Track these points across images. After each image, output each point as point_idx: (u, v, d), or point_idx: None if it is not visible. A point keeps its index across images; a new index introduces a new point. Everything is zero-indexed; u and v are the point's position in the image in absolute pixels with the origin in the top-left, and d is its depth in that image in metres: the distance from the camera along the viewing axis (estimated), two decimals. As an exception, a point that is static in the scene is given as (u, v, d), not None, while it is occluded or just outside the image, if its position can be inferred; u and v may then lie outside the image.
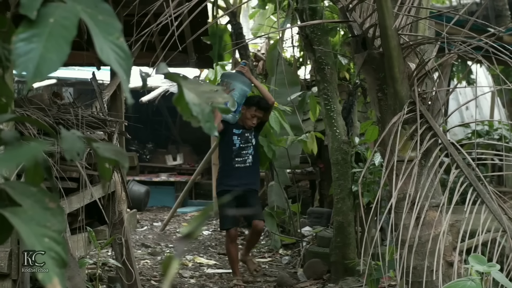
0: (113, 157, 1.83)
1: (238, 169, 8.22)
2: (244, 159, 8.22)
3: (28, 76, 1.41)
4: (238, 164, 8.22)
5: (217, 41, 11.92)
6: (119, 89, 7.00)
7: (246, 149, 8.20)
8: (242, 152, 8.20)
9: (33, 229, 1.42)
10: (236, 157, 8.20)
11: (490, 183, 10.30)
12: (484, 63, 4.89)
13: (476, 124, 10.74)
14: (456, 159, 4.97)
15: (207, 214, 1.37)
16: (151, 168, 16.98)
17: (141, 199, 14.50)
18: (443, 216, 4.91)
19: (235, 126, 8.17)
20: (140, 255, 9.86)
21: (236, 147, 8.18)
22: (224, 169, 8.39)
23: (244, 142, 8.19)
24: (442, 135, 5.01)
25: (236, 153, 8.19)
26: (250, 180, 8.29)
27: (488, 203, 4.92)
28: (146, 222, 13.40)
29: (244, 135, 8.21)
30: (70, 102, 5.95)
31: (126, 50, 1.54)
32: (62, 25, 1.46)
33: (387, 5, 4.51)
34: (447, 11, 5.14)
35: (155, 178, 16.39)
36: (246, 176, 8.23)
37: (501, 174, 6.66)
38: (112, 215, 6.23)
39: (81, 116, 5.51)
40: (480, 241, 4.92)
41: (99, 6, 1.57)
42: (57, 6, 1.49)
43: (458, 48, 4.87)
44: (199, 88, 1.67)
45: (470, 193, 4.99)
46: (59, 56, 1.43)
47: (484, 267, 3.92)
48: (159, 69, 1.72)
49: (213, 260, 9.70)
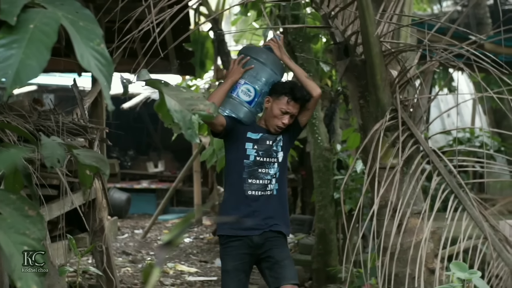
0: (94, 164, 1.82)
1: (251, 199, 4.84)
2: (262, 183, 4.84)
3: (7, 83, 1.39)
4: (251, 191, 4.83)
5: (199, 48, 11.91)
6: (100, 96, 6.96)
7: (267, 166, 4.86)
8: (260, 170, 4.85)
9: (12, 237, 1.40)
10: (250, 177, 4.83)
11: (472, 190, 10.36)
12: (466, 70, 4.91)
13: (458, 131, 10.79)
14: (438, 166, 4.99)
15: (188, 221, 1.35)
16: (132, 175, 16.91)
17: (122, 206, 14.46)
18: (424, 223, 4.92)
19: (250, 127, 4.95)
20: (121, 262, 9.81)
21: (250, 161, 4.85)
22: (230, 198, 4.99)
23: (263, 154, 4.86)
24: (423, 142, 5.02)
25: (249, 171, 4.84)
26: (272, 215, 4.86)
27: (469, 210, 4.94)
28: (127, 230, 13.34)
29: (265, 142, 4.89)
30: (50, 108, 5.91)
31: (107, 57, 1.53)
32: (43, 31, 1.44)
33: (369, 12, 4.52)
34: (428, 19, 5.15)
35: (136, 185, 16.32)
36: (265, 210, 4.84)
37: (482, 181, 6.68)
38: (92, 223, 6.19)
39: (61, 123, 5.47)
40: (462, 248, 4.93)
41: (80, 12, 1.56)
42: (38, 12, 1.47)
43: (440, 56, 4.89)
44: (181, 95, 1.67)
45: (452, 200, 5.00)
46: (39, 62, 1.41)
47: (465, 274, 3.93)
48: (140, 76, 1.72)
49: (195, 268, 9.67)
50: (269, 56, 4.95)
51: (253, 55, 4.94)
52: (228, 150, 5.02)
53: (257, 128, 4.96)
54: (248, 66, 4.88)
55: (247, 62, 4.90)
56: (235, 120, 4.88)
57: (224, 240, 4.88)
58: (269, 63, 4.92)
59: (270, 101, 4.92)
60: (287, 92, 4.86)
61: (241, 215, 4.76)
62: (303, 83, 4.92)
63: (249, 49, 5.26)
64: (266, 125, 4.96)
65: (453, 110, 5.75)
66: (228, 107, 4.88)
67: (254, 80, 4.89)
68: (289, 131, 4.97)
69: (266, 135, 4.93)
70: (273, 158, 4.90)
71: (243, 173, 4.85)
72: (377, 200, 4.87)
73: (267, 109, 4.95)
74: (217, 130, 4.85)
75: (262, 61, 4.91)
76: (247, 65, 4.89)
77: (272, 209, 4.86)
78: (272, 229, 4.83)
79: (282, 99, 4.85)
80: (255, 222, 4.78)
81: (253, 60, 4.90)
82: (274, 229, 4.84)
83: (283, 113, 4.85)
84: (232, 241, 4.82)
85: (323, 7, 4.90)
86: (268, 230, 4.81)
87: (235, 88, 4.86)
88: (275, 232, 4.84)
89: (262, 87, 4.91)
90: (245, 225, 4.78)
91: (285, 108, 4.84)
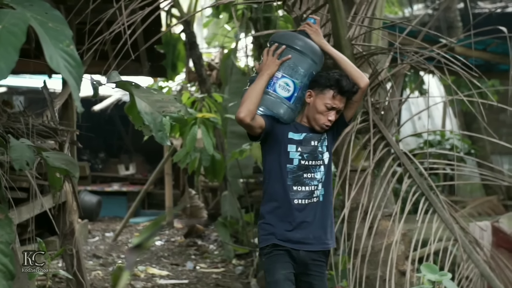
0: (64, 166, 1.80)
1: (298, 209, 4.24)
2: (308, 190, 4.25)
3: (-26, 84, 1.37)
4: (297, 199, 4.24)
5: (171, 50, 11.88)
6: (71, 98, 6.91)
7: (312, 170, 4.28)
8: (305, 175, 4.26)
9: (-21, 241, 1.38)
10: (295, 184, 4.24)
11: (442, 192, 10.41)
12: (436, 73, 4.95)
13: (428, 134, 10.80)
14: (409, 168, 5.02)
15: (159, 224, 1.34)
16: (103, 178, 16.82)
17: (92, 209, 14.37)
18: (395, 225, 4.94)
19: (291, 127, 4.33)
20: (92, 266, 9.74)
21: (294, 166, 4.26)
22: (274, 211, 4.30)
23: (308, 157, 4.27)
24: (395, 145, 5.05)
25: (293, 177, 4.25)
26: (320, 227, 4.29)
27: (440, 212, 4.97)
28: (98, 233, 13.25)
29: (310, 143, 4.30)
30: (20, 110, 5.85)
31: (76, 58, 1.51)
32: (11, 32, 1.42)
33: (341, 15, 4.54)
34: (400, 22, 5.18)
35: (107, 188, 16.22)
36: (313, 220, 4.25)
37: (453, 183, 6.71)
38: (63, 226, 6.14)
39: (31, 125, 5.41)
40: (432, 250, 4.97)
41: (49, 13, 1.54)
42: (6, 13, 1.45)
43: (411, 59, 4.92)
44: (152, 97, 1.65)
45: (422, 202, 5.04)
46: (7, 63, 1.39)
47: (436, 276, 3.95)
48: (110, 78, 1.70)
49: (166, 271, 9.62)
50: (307, 44, 4.26)
51: (288, 43, 4.23)
52: (267, 155, 4.35)
53: (299, 127, 4.32)
54: (284, 56, 4.19)
55: (283, 52, 4.21)
56: (274, 119, 4.25)
57: (268, 249, 4.25)
58: (308, 52, 4.23)
59: (312, 95, 4.26)
60: (333, 84, 4.20)
61: (289, 228, 4.20)
62: (348, 72, 4.25)
63: (282, 36, 4.42)
64: (308, 122, 4.31)
65: (424, 112, 5.79)
66: (265, 105, 4.21)
67: (292, 73, 4.21)
68: (333, 128, 4.32)
69: (310, 134, 4.30)
70: (318, 161, 4.28)
71: (287, 180, 4.23)
72: (348, 202, 4.89)
73: (309, 104, 4.28)
74: (255, 133, 4.19)
75: (299, 49, 4.22)
76: (283, 55, 4.20)
77: (319, 219, 4.25)
78: (320, 248, 4.27)
79: (327, 93, 4.21)
80: (304, 234, 4.21)
81: (289, 49, 4.21)
82: (322, 248, 4.28)
83: (329, 109, 4.22)
84: (279, 250, 4.22)
85: (295, 10, 4.90)
86: (315, 250, 4.25)
87: (271, 83, 4.19)
88: (321, 254, 4.29)
89: (302, 79, 4.23)
90: (293, 237, 4.20)
91: (331, 103, 4.20)
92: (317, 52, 4.26)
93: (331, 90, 4.18)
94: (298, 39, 4.25)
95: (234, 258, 10.27)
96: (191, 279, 9.14)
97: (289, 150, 4.25)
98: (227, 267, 9.92)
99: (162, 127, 1.54)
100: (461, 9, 14.15)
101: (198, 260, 10.52)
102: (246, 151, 9.15)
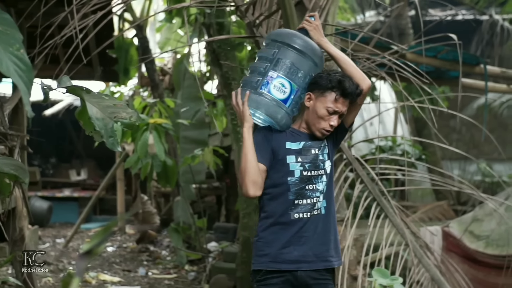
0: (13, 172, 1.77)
1: (297, 223, 3.84)
2: (310, 202, 3.85)
3: None
4: (298, 213, 3.83)
5: (123, 54, 11.80)
6: (21, 102, 6.82)
7: (314, 181, 3.87)
8: (307, 187, 3.86)
9: None
10: (297, 198, 3.84)
11: (393, 197, 10.53)
12: (388, 79, 4.99)
13: (380, 140, 10.97)
14: (361, 174, 5.05)
15: (109, 230, 1.33)
16: (54, 183, 16.64)
17: (43, 215, 14.22)
18: (347, 230, 4.96)
19: (288, 135, 3.93)
20: (42, 272, 9.61)
21: (296, 179, 3.85)
22: (270, 229, 3.90)
23: (310, 167, 3.87)
24: (346, 151, 5.08)
25: (295, 190, 3.84)
26: (322, 242, 3.88)
27: (391, 217, 5.01)
28: (49, 239, 13.10)
29: (310, 151, 3.91)
30: (-31, 115, 5.76)
31: (27, 62, 1.49)
32: (-41, 35, 1.40)
33: (293, 21, 4.55)
34: (352, 29, 5.21)
35: (58, 194, 16.06)
36: (314, 235, 3.86)
37: (404, 188, 6.78)
38: (12, 232, 6.05)
39: (-20, 129, 5.34)
40: (384, 255, 5.00)
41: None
42: (-46, 15, 1.43)
43: (363, 65, 4.95)
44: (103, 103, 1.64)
45: (374, 207, 5.08)
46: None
47: (387, 280, 3.99)
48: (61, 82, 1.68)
49: (118, 277, 9.54)
50: (307, 43, 3.89)
51: (286, 41, 3.87)
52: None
53: (296, 135, 3.92)
54: (283, 58, 3.83)
55: (281, 51, 3.84)
56: (267, 138, 3.87)
57: (261, 276, 3.86)
58: (308, 52, 3.86)
59: (312, 98, 3.87)
60: (335, 86, 3.81)
61: (285, 245, 3.81)
62: (350, 73, 3.87)
63: (279, 35, 3.99)
64: (308, 128, 3.92)
65: (376, 118, 5.84)
66: (262, 108, 3.82)
67: (289, 73, 3.83)
68: (333, 135, 3.96)
69: (309, 142, 3.90)
70: (320, 170, 3.88)
71: (289, 194, 3.83)
72: (301, 207, 4.89)
73: (308, 108, 3.89)
74: None
75: (298, 48, 3.85)
76: (278, 55, 3.83)
77: (321, 233, 3.84)
78: (322, 266, 3.85)
79: (328, 96, 3.81)
80: (302, 252, 3.80)
81: (287, 48, 3.85)
82: (324, 266, 3.86)
83: (331, 113, 3.82)
84: (272, 278, 3.83)
85: (248, 15, 4.90)
86: (316, 268, 3.83)
87: (266, 83, 3.82)
88: (323, 272, 3.86)
89: (299, 81, 3.85)
90: (290, 256, 3.80)
91: (333, 106, 3.81)
92: (317, 53, 3.91)
93: (333, 92, 3.80)
94: (297, 37, 3.88)
95: (186, 264, 10.23)
96: (143, 285, 9.08)
97: (288, 162, 3.85)
98: (180, 273, 9.88)
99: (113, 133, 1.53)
100: (413, 16, 14.37)
101: (150, 266, 10.46)
102: (198, 156, 9.13)
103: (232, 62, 8.26)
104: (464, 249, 7.62)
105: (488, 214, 7.71)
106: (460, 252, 7.62)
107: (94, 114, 1.52)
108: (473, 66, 8.42)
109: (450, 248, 7.57)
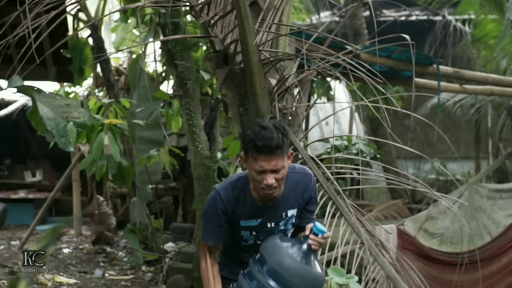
0: (-37, 174, 1.75)
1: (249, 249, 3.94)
2: None
3: None
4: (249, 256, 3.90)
5: (78, 54, 11.71)
6: (-27, 103, 6.74)
7: None
8: None
9: None
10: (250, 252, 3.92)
11: (349, 196, 10.58)
12: (342, 79, 5.02)
13: (335, 139, 11.02)
14: (316, 173, 5.06)
15: (58, 231, 1.32)
16: (8, 185, 16.42)
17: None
18: (303, 229, 4.98)
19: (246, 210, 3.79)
20: (-4, 275, 9.51)
21: (249, 244, 3.92)
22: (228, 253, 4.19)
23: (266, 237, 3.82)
24: (302, 150, 5.09)
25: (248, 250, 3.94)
26: None
27: (346, 216, 5.04)
28: (3, 241, 12.95)
29: (266, 226, 3.84)
30: None
31: (-24, 62, 1.47)
32: None
33: (248, 21, 4.55)
34: (306, 29, 5.22)
35: (13, 195, 15.85)
36: None
37: (359, 187, 6.83)
38: (-35, 235, 5.99)
39: None
40: (340, 253, 5.03)
41: None
42: None
43: (317, 65, 4.96)
44: (54, 103, 1.63)
45: (330, 206, 5.10)
46: None
47: (343, 279, 4.01)
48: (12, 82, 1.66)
49: (74, 279, 9.47)
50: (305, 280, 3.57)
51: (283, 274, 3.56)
52: None
53: (256, 210, 3.77)
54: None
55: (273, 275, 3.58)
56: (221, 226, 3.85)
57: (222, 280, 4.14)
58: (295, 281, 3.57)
59: (243, 160, 3.68)
60: (249, 147, 3.55)
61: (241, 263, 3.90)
62: None
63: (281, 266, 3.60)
64: (257, 196, 3.74)
65: (331, 118, 5.87)
66: None
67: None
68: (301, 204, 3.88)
69: (267, 217, 3.78)
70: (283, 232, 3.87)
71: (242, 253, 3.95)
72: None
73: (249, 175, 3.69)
74: None
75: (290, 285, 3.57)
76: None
77: None
78: None
79: (250, 157, 3.56)
80: None
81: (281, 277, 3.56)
82: None
83: (260, 173, 3.55)
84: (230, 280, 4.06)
85: (202, 15, 4.89)
86: None
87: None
88: None
89: None
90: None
91: (257, 167, 3.54)
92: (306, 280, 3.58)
93: (249, 152, 3.56)
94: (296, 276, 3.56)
95: (143, 265, 10.19)
96: (100, 286, 9.02)
97: (242, 234, 3.85)
98: (137, 274, 9.85)
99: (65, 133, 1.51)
100: (367, 16, 14.48)
101: (107, 267, 10.40)
102: (154, 157, 9.09)
103: (187, 62, 8.24)
104: (419, 246, 7.71)
105: (442, 212, 7.81)
106: (415, 250, 7.70)
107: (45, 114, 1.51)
108: (427, 66, 8.50)
109: (405, 246, 7.66)
